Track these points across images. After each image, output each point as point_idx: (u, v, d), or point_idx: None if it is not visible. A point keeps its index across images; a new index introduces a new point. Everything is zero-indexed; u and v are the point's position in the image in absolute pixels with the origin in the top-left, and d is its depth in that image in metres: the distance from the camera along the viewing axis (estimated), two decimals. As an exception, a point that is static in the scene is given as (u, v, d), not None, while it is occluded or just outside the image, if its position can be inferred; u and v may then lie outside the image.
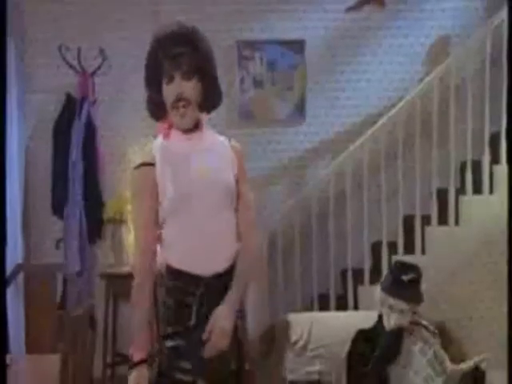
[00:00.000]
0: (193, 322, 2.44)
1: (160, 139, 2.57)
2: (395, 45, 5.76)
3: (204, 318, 2.42)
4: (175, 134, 2.54)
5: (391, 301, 3.60)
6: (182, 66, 2.44)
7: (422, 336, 3.58)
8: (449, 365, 3.47)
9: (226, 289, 2.44)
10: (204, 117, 2.61)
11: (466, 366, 3.55)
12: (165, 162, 2.49)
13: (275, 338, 4.60)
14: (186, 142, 2.52)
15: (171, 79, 2.46)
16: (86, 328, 3.28)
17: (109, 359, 5.37)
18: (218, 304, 2.42)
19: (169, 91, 2.47)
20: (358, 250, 5.17)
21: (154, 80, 2.51)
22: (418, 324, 3.67)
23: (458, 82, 5.17)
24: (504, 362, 3.36)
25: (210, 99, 2.54)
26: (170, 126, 2.56)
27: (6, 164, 3.94)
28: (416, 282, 3.66)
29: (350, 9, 5.71)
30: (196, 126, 2.54)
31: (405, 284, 3.62)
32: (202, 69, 2.48)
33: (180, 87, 2.45)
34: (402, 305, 3.57)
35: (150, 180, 2.47)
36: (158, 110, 2.54)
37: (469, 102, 5.10)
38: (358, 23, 5.74)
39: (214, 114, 2.64)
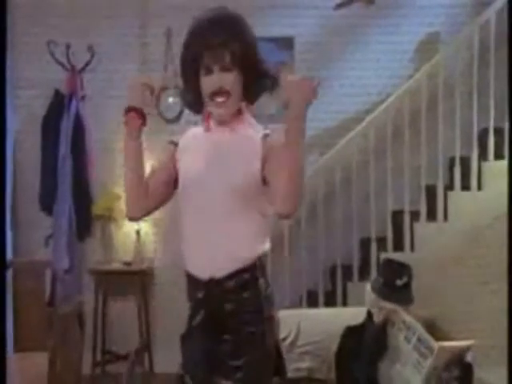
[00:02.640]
0: (187, 327, 2.31)
1: (200, 128, 2.42)
2: (384, 41, 5.76)
3: (198, 327, 2.27)
4: (212, 124, 2.38)
5: (383, 303, 3.60)
6: (222, 58, 2.26)
7: (405, 324, 3.56)
8: (435, 344, 3.43)
9: (226, 296, 2.24)
10: (250, 107, 2.45)
11: (451, 344, 3.52)
12: (185, 148, 2.39)
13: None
14: (211, 134, 2.37)
15: (210, 71, 2.27)
16: (74, 325, 3.27)
17: (98, 357, 5.36)
18: (217, 312, 2.23)
19: (207, 83, 2.28)
20: (347, 246, 5.18)
21: (191, 71, 2.32)
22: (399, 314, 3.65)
23: (446, 78, 5.17)
24: (498, 358, 3.38)
25: (251, 90, 2.38)
26: (209, 117, 2.38)
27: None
28: (408, 285, 3.67)
29: (339, 6, 5.69)
30: (235, 115, 2.36)
31: (397, 288, 3.61)
32: (243, 59, 2.30)
33: (219, 80, 2.26)
34: (393, 307, 3.58)
35: (169, 155, 2.41)
36: (196, 102, 2.37)
37: (457, 98, 5.12)
38: (347, 20, 5.73)
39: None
